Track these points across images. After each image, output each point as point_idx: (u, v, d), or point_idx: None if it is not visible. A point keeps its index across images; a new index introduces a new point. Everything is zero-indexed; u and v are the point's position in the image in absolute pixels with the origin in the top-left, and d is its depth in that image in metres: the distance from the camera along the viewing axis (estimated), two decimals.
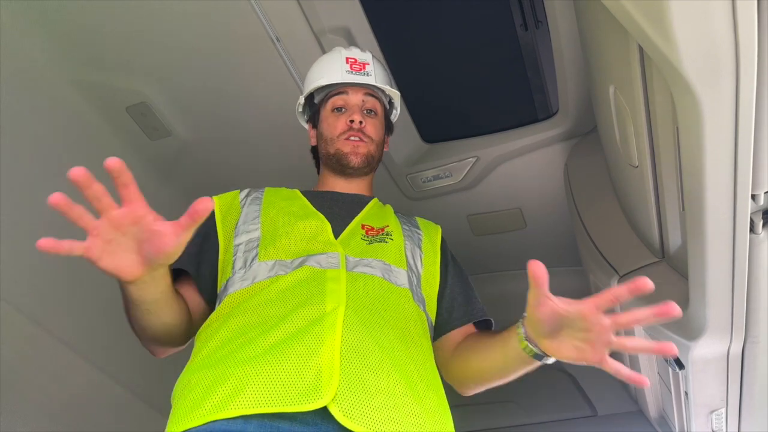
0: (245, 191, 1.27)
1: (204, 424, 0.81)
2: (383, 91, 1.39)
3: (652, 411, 1.85)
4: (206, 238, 1.18)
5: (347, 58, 1.35)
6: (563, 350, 0.86)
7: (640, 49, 0.95)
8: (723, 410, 1.37)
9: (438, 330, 1.19)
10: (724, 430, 1.43)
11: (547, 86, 1.81)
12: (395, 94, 1.41)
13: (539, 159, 1.96)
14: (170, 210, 0.72)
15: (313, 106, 1.40)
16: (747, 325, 1.08)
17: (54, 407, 1.66)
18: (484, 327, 1.22)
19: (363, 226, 1.21)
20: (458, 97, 1.91)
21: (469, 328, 1.20)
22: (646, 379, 0.82)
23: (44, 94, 1.69)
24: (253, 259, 1.09)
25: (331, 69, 1.35)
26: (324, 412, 0.82)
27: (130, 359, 1.79)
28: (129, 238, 0.79)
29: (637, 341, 0.87)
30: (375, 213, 1.29)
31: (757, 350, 1.14)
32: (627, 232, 1.51)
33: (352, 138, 1.29)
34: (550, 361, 0.92)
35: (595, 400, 2.29)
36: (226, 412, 0.81)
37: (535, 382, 2.37)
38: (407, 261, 1.16)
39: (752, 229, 0.90)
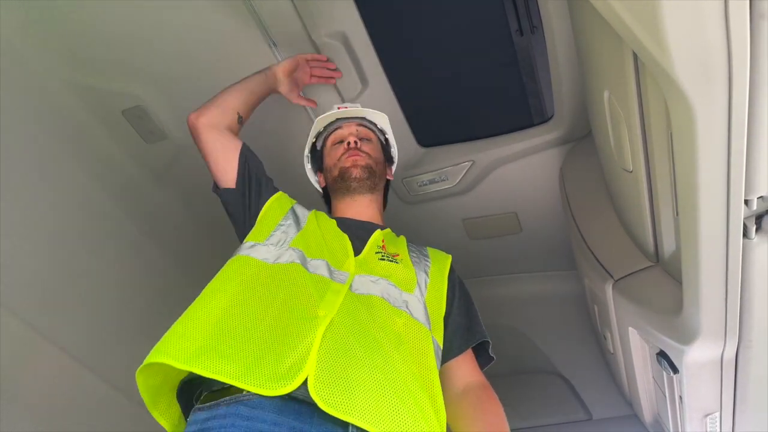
0: (299, 205, 1.40)
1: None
2: (377, 126, 1.59)
3: (647, 415, 1.86)
4: (261, 188, 1.39)
5: (338, 107, 1.59)
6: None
7: (635, 55, 0.96)
8: (717, 414, 1.37)
9: (442, 356, 1.21)
10: None
11: (542, 91, 1.82)
12: (383, 116, 1.57)
13: (535, 163, 1.96)
14: (166, 212, 0.72)
15: (318, 154, 1.59)
16: (740, 329, 1.08)
17: (52, 411, 1.65)
18: (484, 351, 1.29)
19: (380, 243, 1.30)
20: (454, 102, 1.92)
21: (470, 359, 1.26)
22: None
23: (40, 96, 1.69)
24: (285, 242, 1.20)
25: (326, 118, 1.56)
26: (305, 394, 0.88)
27: (127, 364, 1.79)
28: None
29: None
30: (389, 240, 1.36)
31: (750, 354, 1.14)
32: (621, 237, 1.52)
33: (351, 154, 1.45)
34: None
35: (590, 404, 2.29)
36: (203, 368, 0.90)
37: (530, 385, 2.37)
38: (412, 284, 1.20)
39: (745, 234, 0.91)
